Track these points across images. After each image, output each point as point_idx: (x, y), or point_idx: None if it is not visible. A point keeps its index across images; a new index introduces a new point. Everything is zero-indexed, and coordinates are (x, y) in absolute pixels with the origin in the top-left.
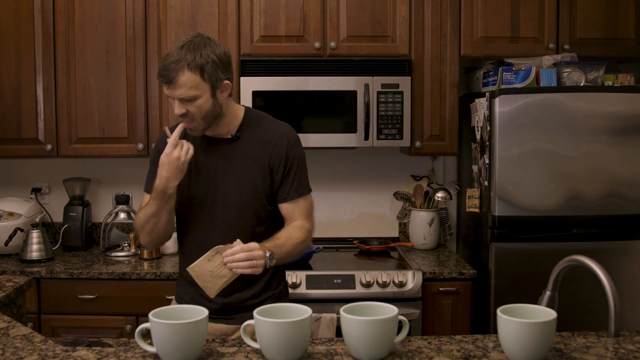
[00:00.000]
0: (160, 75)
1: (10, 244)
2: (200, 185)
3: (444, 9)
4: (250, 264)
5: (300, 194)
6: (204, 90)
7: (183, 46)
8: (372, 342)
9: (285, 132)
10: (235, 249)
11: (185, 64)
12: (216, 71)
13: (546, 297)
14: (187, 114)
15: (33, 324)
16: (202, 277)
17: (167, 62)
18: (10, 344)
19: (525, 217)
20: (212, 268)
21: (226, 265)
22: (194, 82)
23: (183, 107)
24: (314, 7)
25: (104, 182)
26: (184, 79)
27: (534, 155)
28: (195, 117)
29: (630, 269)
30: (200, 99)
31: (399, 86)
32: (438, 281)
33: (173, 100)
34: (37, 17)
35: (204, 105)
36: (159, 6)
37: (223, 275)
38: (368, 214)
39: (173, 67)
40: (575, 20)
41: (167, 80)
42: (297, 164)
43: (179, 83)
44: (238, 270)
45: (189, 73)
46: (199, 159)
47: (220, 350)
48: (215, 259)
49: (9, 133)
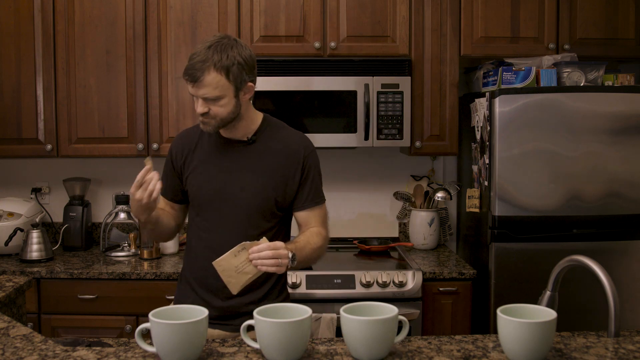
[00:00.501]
0: (186, 73)
1: (10, 244)
2: (212, 185)
3: (444, 9)
4: (276, 262)
5: (316, 203)
6: (228, 91)
7: (210, 46)
8: (372, 342)
9: (302, 140)
10: (261, 246)
11: (212, 64)
12: (241, 73)
13: (546, 297)
14: (208, 113)
15: (33, 324)
16: (227, 272)
17: (194, 61)
18: (10, 344)
19: (525, 217)
20: (238, 264)
21: (252, 262)
22: (218, 83)
23: (206, 106)
24: (314, 7)
25: (104, 182)
26: (209, 78)
27: (534, 155)
28: (216, 116)
29: (630, 269)
30: (223, 99)
31: (399, 86)
32: (438, 281)
33: (196, 99)
34: (37, 17)
35: (226, 105)
36: (159, 6)
37: (248, 271)
38: (368, 214)
39: (199, 67)
40: (575, 20)
41: (193, 79)
42: (313, 173)
43: (204, 82)
44: (263, 268)
45: (214, 73)
46: (213, 159)
47: (220, 350)
48: (241, 254)
49: (9, 133)
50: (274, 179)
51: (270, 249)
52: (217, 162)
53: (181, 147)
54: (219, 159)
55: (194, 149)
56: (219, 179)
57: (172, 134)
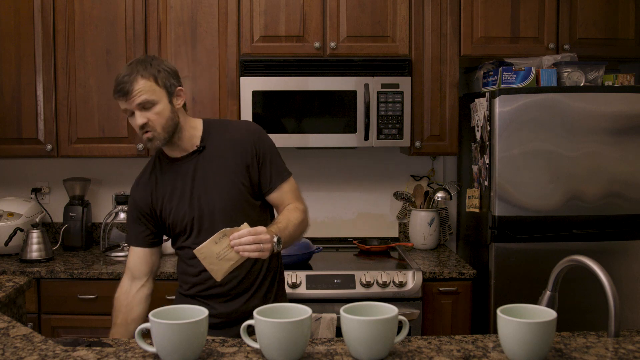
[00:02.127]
0: (116, 92)
1: (10, 244)
2: (184, 204)
3: (444, 9)
4: (257, 247)
5: (282, 179)
6: (160, 95)
7: (131, 64)
8: (372, 342)
9: (247, 127)
10: (242, 232)
11: (138, 74)
12: (169, 78)
13: (546, 297)
14: (147, 124)
15: (33, 324)
16: (208, 260)
17: (120, 78)
18: (10, 344)
19: (525, 217)
20: (219, 250)
21: (233, 249)
22: (150, 87)
23: (143, 117)
24: (314, 7)
25: (104, 182)
26: (139, 86)
27: (534, 155)
28: (156, 126)
29: (630, 269)
30: (158, 104)
31: (399, 86)
32: (438, 281)
33: (132, 117)
34: (37, 17)
35: (163, 111)
36: (159, 6)
37: (230, 258)
38: (368, 214)
39: (127, 80)
40: (575, 20)
41: (124, 93)
42: (269, 153)
43: (135, 91)
44: (245, 254)
45: (142, 80)
46: (172, 182)
47: (220, 350)
48: (222, 241)
49: (9, 133)
50: (238, 172)
51: (250, 234)
52: (181, 182)
53: (143, 189)
54: (181, 179)
55: (155, 183)
56: (189, 197)
57: None
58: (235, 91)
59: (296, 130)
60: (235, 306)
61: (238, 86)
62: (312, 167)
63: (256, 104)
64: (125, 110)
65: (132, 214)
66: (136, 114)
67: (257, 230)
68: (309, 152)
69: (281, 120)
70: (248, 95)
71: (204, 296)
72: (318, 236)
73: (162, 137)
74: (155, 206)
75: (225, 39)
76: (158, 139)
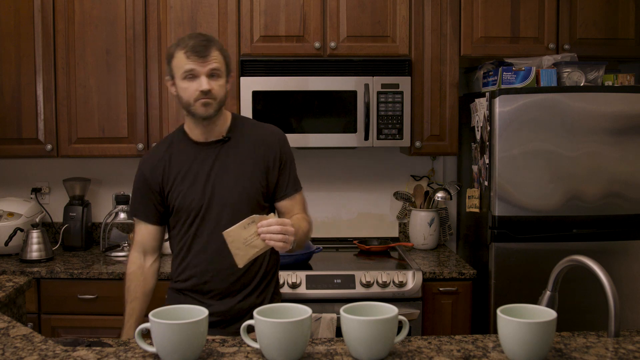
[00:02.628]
0: (193, 50)
1: (10, 244)
2: (196, 189)
3: (444, 9)
4: (283, 237)
5: (296, 190)
6: (224, 73)
7: (201, 34)
8: (372, 342)
9: (275, 131)
10: (270, 221)
11: (215, 44)
12: (230, 62)
13: (546, 297)
14: (210, 92)
15: (33, 324)
16: (235, 244)
17: (194, 40)
18: (10, 344)
19: (525, 217)
20: (247, 236)
21: (260, 236)
22: (221, 60)
23: (209, 84)
24: (314, 7)
25: (104, 182)
26: (215, 54)
27: (534, 155)
28: (216, 96)
29: (630, 269)
30: (221, 79)
31: (399, 86)
32: (438, 281)
33: (191, 80)
34: (37, 17)
35: (222, 87)
36: (159, 6)
37: (255, 245)
38: (368, 214)
39: (205, 43)
40: (575, 20)
41: (202, 54)
42: (290, 161)
43: (212, 56)
44: (271, 243)
45: (217, 52)
46: (188, 164)
47: (220, 350)
48: (250, 227)
49: (9, 133)
50: (256, 172)
51: (278, 224)
52: (198, 167)
53: (155, 165)
54: (199, 164)
55: (169, 162)
56: (203, 184)
57: None
58: (235, 91)
59: (296, 130)
60: (231, 304)
61: (238, 86)
62: (312, 167)
63: (256, 104)
64: (189, 71)
65: (141, 189)
66: (203, 78)
67: (284, 221)
68: (309, 152)
69: (281, 120)
70: (248, 95)
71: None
72: (318, 236)
73: (216, 107)
74: (165, 185)
75: (225, 39)
76: (213, 107)
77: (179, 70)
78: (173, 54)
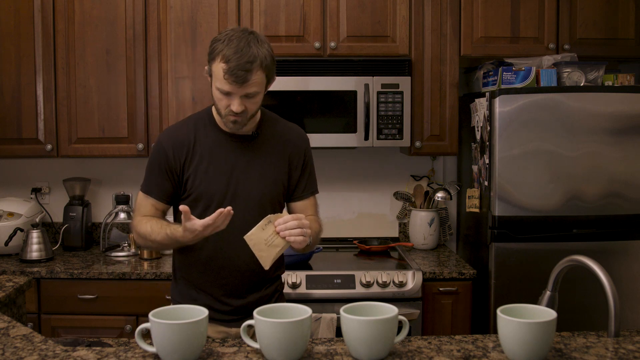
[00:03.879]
0: (232, 74)
1: (10, 244)
2: (221, 181)
3: (444, 9)
4: (302, 231)
5: (312, 192)
6: (263, 87)
7: (248, 44)
8: (372, 342)
9: (301, 132)
10: (286, 217)
11: (259, 63)
12: (274, 66)
13: (546, 297)
14: (243, 111)
15: (33, 324)
16: (258, 247)
17: (240, 61)
18: (10, 344)
19: (525, 217)
20: (267, 237)
21: (279, 235)
22: (261, 79)
23: (243, 105)
24: (314, 7)
25: (104, 182)
26: (256, 77)
27: (534, 155)
28: (248, 113)
29: (630, 269)
30: (259, 95)
31: (399, 86)
32: (438, 281)
33: (227, 97)
34: (37, 17)
35: (259, 101)
36: (159, 6)
37: (277, 244)
38: (368, 214)
39: (248, 67)
40: (575, 20)
41: (242, 80)
42: (311, 164)
43: (251, 81)
44: (291, 239)
45: (260, 72)
46: (219, 155)
47: (220, 350)
48: (268, 228)
49: (9, 133)
50: (280, 171)
51: (294, 219)
52: (223, 158)
53: (178, 146)
54: (225, 155)
55: (193, 146)
56: (228, 175)
57: None
58: None
59: None
60: (242, 302)
61: None
62: None
63: None
64: (224, 91)
65: (160, 166)
66: (236, 100)
67: (298, 216)
68: None
69: None
70: None
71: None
72: None
73: (246, 122)
74: (186, 168)
75: None
76: (242, 123)
77: (215, 80)
78: (215, 58)
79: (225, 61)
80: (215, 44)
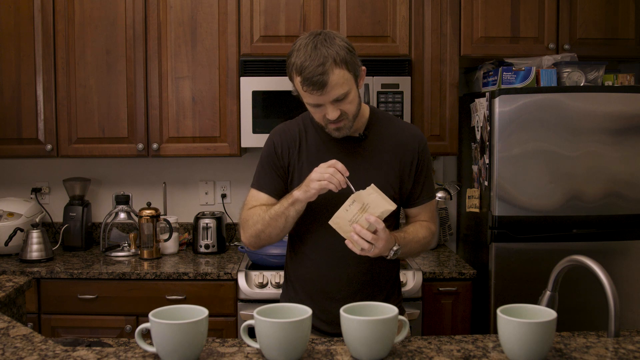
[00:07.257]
0: (308, 84)
1: (10, 244)
2: None
3: (444, 9)
4: (368, 247)
5: (429, 198)
6: (351, 83)
7: (316, 46)
8: (372, 342)
9: (416, 134)
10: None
11: (332, 60)
12: (354, 58)
13: (546, 297)
14: (340, 115)
15: (33, 324)
16: (343, 229)
17: (311, 67)
18: (10, 344)
19: (525, 217)
20: (351, 217)
21: (364, 215)
22: (343, 77)
23: (337, 109)
24: (314, 7)
25: (104, 182)
26: (335, 77)
27: (534, 155)
28: (349, 115)
29: (630, 269)
30: (350, 94)
31: (399, 86)
32: (438, 281)
33: (319, 108)
34: (37, 17)
35: (354, 99)
36: (159, 6)
37: (362, 224)
38: None
39: (321, 71)
40: (575, 20)
41: (320, 86)
42: (427, 167)
43: (331, 84)
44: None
45: (337, 70)
46: (322, 155)
47: (220, 350)
48: (352, 208)
49: (9, 133)
50: (390, 175)
51: (371, 230)
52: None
53: (286, 144)
54: (330, 157)
55: (298, 147)
56: None
57: (172, 134)
58: (235, 91)
59: None
60: None
61: (238, 86)
62: None
63: (256, 104)
64: (312, 104)
65: (270, 162)
66: (328, 107)
67: (379, 236)
68: None
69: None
70: (248, 95)
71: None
72: None
73: (350, 125)
74: (292, 164)
75: (225, 39)
76: (347, 127)
77: (302, 96)
78: (292, 74)
79: (299, 73)
80: (289, 60)
